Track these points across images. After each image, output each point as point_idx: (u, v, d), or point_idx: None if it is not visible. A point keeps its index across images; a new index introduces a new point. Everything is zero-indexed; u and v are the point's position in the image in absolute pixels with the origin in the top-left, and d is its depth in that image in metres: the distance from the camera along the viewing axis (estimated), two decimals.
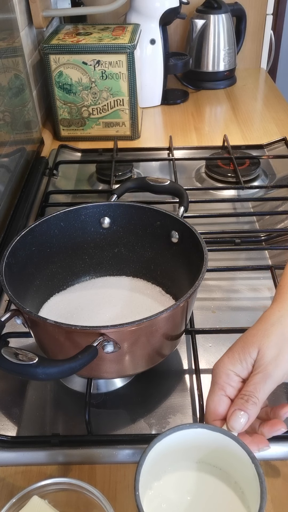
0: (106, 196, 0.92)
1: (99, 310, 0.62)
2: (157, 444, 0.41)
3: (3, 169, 0.85)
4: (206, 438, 0.42)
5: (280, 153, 1.06)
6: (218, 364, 0.47)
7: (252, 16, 1.44)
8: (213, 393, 0.46)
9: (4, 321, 0.51)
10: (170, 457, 0.43)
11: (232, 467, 0.43)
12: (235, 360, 0.46)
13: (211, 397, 0.46)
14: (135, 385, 0.59)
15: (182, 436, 0.42)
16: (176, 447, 0.43)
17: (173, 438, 0.42)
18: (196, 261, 0.56)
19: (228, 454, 0.42)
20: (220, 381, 0.46)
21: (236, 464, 0.42)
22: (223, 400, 0.45)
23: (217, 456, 0.43)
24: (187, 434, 0.42)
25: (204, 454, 0.44)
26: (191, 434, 0.42)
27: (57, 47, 1.04)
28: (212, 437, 0.42)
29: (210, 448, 0.43)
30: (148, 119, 1.26)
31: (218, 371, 0.46)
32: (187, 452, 0.44)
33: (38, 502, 0.43)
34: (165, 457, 0.43)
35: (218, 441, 0.42)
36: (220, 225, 0.84)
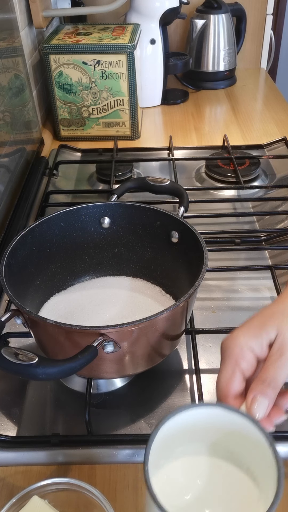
0: (106, 196, 0.92)
1: (99, 310, 0.62)
2: (170, 420, 0.38)
3: (3, 169, 0.85)
4: (221, 420, 0.40)
5: (280, 153, 1.06)
6: (230, 339, 0.43)
7: (252, 16, 1.44)
8: (226, 368, 0.42)
9: (4, 321, 0.51)
10: (181, 437, 0.41)
11: (245, 452, 0.40)
12: (250, 336, 0.42)
13: (223, 372, 0.42)
14: (135, 385, 0.59)
15: (196, 415, 0.40)
16: (189, 426, 0.40)
17: (186, 416, 0.39)
18: (196, 261, 0.56)
19: (242, 437, 0.39)
20: (234, 355, 0.42)
21: (251, 448, 0.39)
22: (237, 376, 0.42)
23: (230, 440, 0.41)
24: (201, 413, 0.40)
25: (216, 436, 0.41)
26: (206, 413, 0.40)
27: (57, 47, 1.04)
28: (228, 418, 0.39)
29: (223, 430, 0.40)
30: (148, 119, 1.26)
31: (231, 345, 0.43)
32: (199, 433, 0.41)
33: (38, 502, 0.43)
34: (176, 437, 0.40)
35: (234, 423, 0.39)
36: (220, 225, 0.84)
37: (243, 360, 0.42)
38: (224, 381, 0.42)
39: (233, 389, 0.42)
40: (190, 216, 0.81)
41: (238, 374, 0.42)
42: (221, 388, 0.42)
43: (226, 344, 0.43)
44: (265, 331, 0.42)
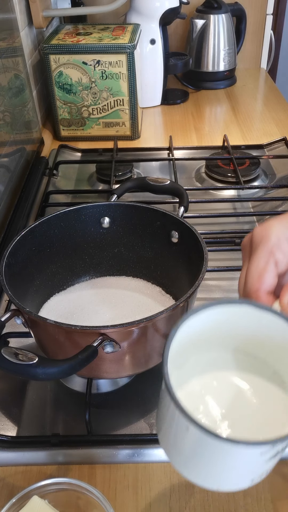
0: (106, 196, 0.92)
1: (99, 310, 0.62)
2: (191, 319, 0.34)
3: (3, 169, 0.85)
4: (247, 320, 0.35)
5: (280, 153, 1.06)
6: (264, 228, 0.38)
7: (252, 16, 1.44)
8: (258, 258, 0.37)
9: (4, 321, 0.51)
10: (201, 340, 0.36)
11: (273, 356, 0.36)
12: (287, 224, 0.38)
13: (255, 263, 0.37)
14: (135, 385, 0.59)
15: (219, 315, 0.35)
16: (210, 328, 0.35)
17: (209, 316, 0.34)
18: (196, 261, 0.56)
19: (270, 339, 0.35)
20: (269, 244, 0.37)
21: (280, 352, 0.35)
22: (271, 268, 0.36)
23: (256, 343, 0.36)
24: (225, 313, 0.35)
25: (240, 340, 0.37)
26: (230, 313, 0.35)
27: (57, 47, 1.04)
28: (256, 318, 0.34)
29: (249, 332, 0.36)
30: (148, 119, 1.26)
31: (264, 233, 0.37)
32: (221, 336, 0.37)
33: (38, 502, 0.43)
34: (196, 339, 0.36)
35: (262, 324, 0.34)
36: (220, 225, 0.84)
37: (279, 250, 0.37)
38: (256, 273, 0.36)
39: (266, 282, 0.36)
40: (190, 216, 0.81)
41: (272, 266, 0.37)
42: (251, 281, 0.37)
43: (258, 233, 0.38)
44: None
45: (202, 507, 0.48)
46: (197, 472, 0.34)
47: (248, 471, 0.33)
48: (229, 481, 0.34)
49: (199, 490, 0.49)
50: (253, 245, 0.38)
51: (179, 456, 0.34)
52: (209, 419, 0.34)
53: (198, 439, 0.30)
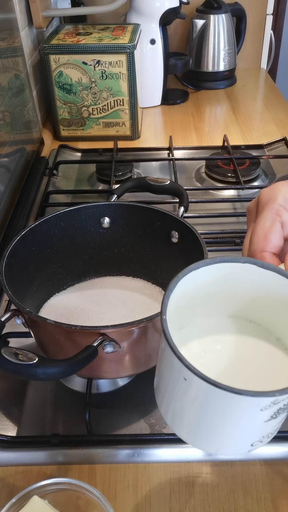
0: (106, 196, 0.92)
1: (99, 310, 0.62)
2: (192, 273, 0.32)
3: (3, 169, 0.85)
4: (250, 280, 0.33)
5: (280, 153, 1.06)
6: (268, 190, 0.38)
7: (252, 16, 1.44)
8: (265, 218, 0.36)
9: (4, 321, 0.51)
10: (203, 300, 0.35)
11: (276, 319, 0.35)
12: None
13: (261, 223, 0.36)
14: (135, 385, 0.59)
15: (220, 272, 0.33)
16: (214, 286, 0.34)
17: (209, 272, 0.33)
18: (196, 261, 0.56)
19: (274, 301, 0.33)
20: (275, 204, 0.36)
21: (283, 313, 0.34)
22: (278, 227, 0.36)
23: (258, 306, 0.35)
24: (227, 271, 0.33)
25: (243, 303, 0.35)
26: (233, 271, 0.33)
27: (57, 47, 1.04)
28: (259, 279, 0.33)
29: (253, 294, 0.34)
30: (148, 119, 1.26)
31: (271, 194, 0.37)
32: (224, 297, 0.35)
33: (38, 502, 0.43)
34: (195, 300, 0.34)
35: (266, 285, 0.33)
36: (220, 225, 0.84)
37: (286, 211, 0.36)
38: (262, 233, 0.36)
39: (272, 242, 0.36)
40: (190, 216, 0.81)
41: (278, 226, 0.36)
42: (256, 241, 0.36)
43: (265, 194, 0.38)
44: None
45: (202, 507, 0.48)
46: (195, 431, 0.33)
47: (247, 431, 0.31)
48: (228, 443, 0.33)
49: (199, 490, 0.49)
50: (259, 207, 0.37)
51: (178, 414, 0.33)
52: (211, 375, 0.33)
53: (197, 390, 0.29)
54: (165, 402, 0.34)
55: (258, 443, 0.33)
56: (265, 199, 0.37)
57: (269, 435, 0.33)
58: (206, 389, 0.28)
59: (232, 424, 0.31)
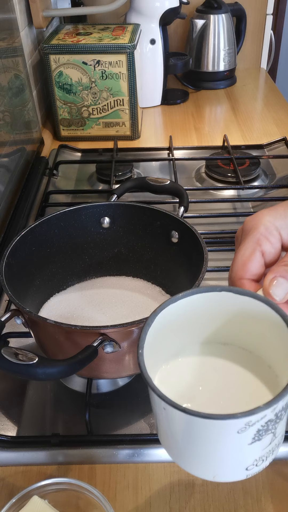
0: (106, 196, 0.92)
1: (99, 310, 0.62)
2: (171, 306, 0.33)
3: (3, 169, 0.85)
4: (232, 307, 0.34)
5: (280, 153, 1.06)
6: (251, 218, 0.38)
7: (252, 16, 1.44)
8: (246, 246, 0.37)
9: (4, 321, 0.51)
10: (182, 328, 0.35)
11: (264, 347, 0.35)
12: (277, 215, 0.37)
13: (242, 250, 0.37)
14: (135, 385, 0.59)
15: (201, 302, 0.34)
16: (194, 316, 0.35)
17: (190, 302, 0.34)
18: (196, 261, 0.56)
19: (258, 328, 0.34)
20: (256, 234, 0.37)
21: (269, 341, 0.34)
22: (257, 256, 0.36)
23: (245, 334, 0.35)
24: (207, 299, 0.34)
25: (227, 330, 0.36)
26: (213, 300, 0.34)
27: (57, 47, 1.04)
28: (241, 304, 0.33)
29: (236, 321, 0.35)
30: (148, 119, 1.26)
31: (253, 223, 0.37)
32: (207, 325, 0.36)
33: (38, 502, 0.43)
34: (176, 327, 0.35)
35: (248, 311, 0.34)
36: (220, 225, 0.84)
37: (267, 240, 0.37)
38: (241, 261, 0.36)
39: (251, 270, 0.36)
40: (190, 216, 0.81)
41: (258, 255, 0.36)
42: (236, 269, 0.36)
43: (248, 222, 0.38)
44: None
45: (202, 507, 0.48)
46: (190, 459, 0.34)
47: (235, 455, 0.32)
48: (222, 469, 0.33)
49: (199, 490, 0.49)
50: (243, 234, 0.38)
51: (170, 444, 0.34)
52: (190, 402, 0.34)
53: (175, 418, 0.30)
54: (160, 432, 0.35)
55: (253, 467, 0.33)
56: (248, 227, 0.38)
57: (263, 459, 0.33)
58: (181, 417, 0.29)
59: (217, 450, 0.31)
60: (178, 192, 0.70)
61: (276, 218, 0.37)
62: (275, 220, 0.37)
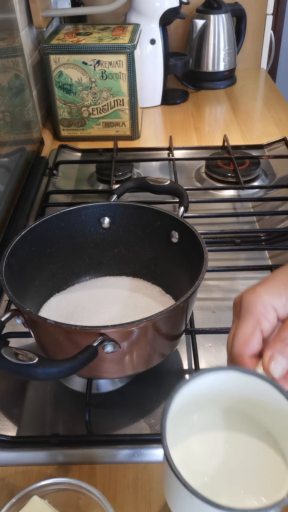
0: (106, 196, 0.92)
1: (99, 310, 0.62)
2: (183, 388, 0.36)
3: (3, 169, 0.85)
4: (236, 383, 0.38)
5: (280, 153, 1.06)
6: (251, 295, 0.41)
7: (252, 16, 1.44)
8: (246, 325, 0.39)
9: (4, 321, 0.51)
10: (195, 405, 0.39)
11: (264, 415, 0.39)
12: (274, 294, 0.40)
13: (243, 329, 0.40)
14: (135, 385, 0.59)
15: (210, 380, 0.38)
16: (203, 392, 0.38)
17: (201, 382, 0.37)
18: (196, 261, 0.56)
19: (261, 400, 0.38)
20: (256, 313, 0.40)
21: (270, 410, 0.38)
22: (257, 334, 0.39)
23: (246, 404, 0.39)
24: (216, 378, 0.38)
25: (233, 401, 0.40)
26: (221, 378, 0.38)
27: (57, 47, 1.04)
28: (244, 381, 0.37)
29: (240, 394, 0.39)
30: (148, 119, 1.26)
31: (252, 302, 0.40)
32: (214, 398, 0.39)
33: (38, 502, 0.43)
34: (190, 405, 0.39)
35: (251, 386, 0.37)
36: (220, 225, 0.84)
37: (266, 319, 0.40)
38: (243, 340, 0.39)
39: (251, 348, 0.39)
40: (190, 216, 0.81)
41: (258, 334, 0.39)
42: (237, 347, 0.40)
43: (247, 299, 0.41)
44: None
45: None
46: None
47: None
48: None
49: None
50: (242, 310, 0.41)
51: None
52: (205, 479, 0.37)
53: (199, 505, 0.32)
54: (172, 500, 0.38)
55: None
56: (247, 304, 0.40)
57: None
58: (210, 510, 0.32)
59: None
60: (178, 192, 0.70)
61: (274, 298, 0.40)
62: (272, 300, 0.40)
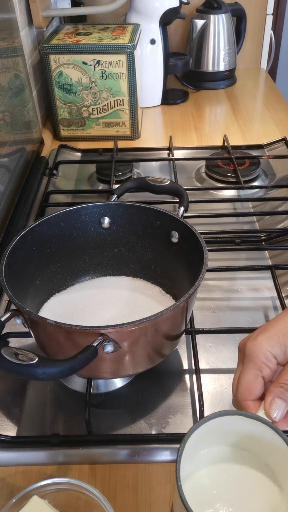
0: (106, 196, 0.92)
1: (99, 310, 0.62)
2: (195, 432, 0.41)
3: (3, 169, 0.85)
4: (240, 425, 0.42)
5: (280, 153, 1.06)
6: (254, 344, 0.45)
7: (252, 16, 1.44)
8: (249, 372, 0.44)
9: (4, 321, 0.51)
10: (204, 442, 0.43)
11: (264, 451, 0.43)
12: (274, 343, 0.44)
13: (246, 375, 0.44)
14: (135, 385, 0.59)
15: (217, 423, 0.42)
16: (211, 432, 0.43)
17: (208, 425, 0.42)
18: (196, 261, 0.56)
19: (261, 439, 0.42)
20: (257, 361, 0.44)
21: (269, 448, 0.42)
22: (259, 380, 0.44)
23: (249, 440, 0.43)
24: (222, 421, 0.42)
25: (237, 438, 0.44)
26: (227, 421, 0.42)
27: (57, 47, 1.04)
28: (247, 424, 0.42)
29: (244, 433, 0.43)
30: (148, 119, 1.26)
31: (254, 351, 0.45)
32: (221, 436, 0.44)
33: (38, 502, 0.43)
34: (200, 442, 0.43)
35: (253, 428, 0.42)
36: (220, 225, 0.84)
37: (267, 367, 0.44)
38: (247, 386, 0.44)
39: (254, 394, 0.44)
40: (190, 216, 0.81)
41: (260, 380, 0.44)
42: (241, 392, 0.44)
43: (249, 348, 0.45)
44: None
45: None
46: None
47: None
48: None
49: None
50: (245, 357, 0.45)
51: None
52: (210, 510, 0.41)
53: None
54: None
55: None
56: (250, 352, 0.45)
57: None
58: None
59: None
60: (178, 192, 0.70)
61: (274, 347, 0.44)
62: (272, 349, 0.44)
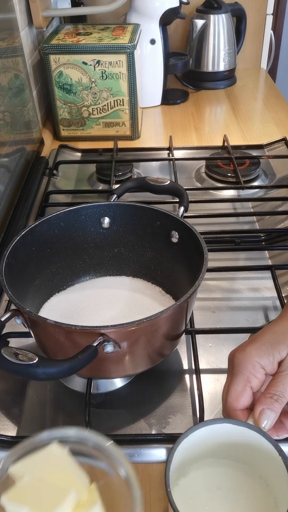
0: (106, 196, 0.92)
1: (99, 310, 0.62)
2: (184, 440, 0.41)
3: (3, 169, 0.85)
4: (231, 433, 0.43)
5: (280, 153, 1.06)
6: (242, 355, 0.46)
7: (252, 16, 1.44)
8: (237, 383, 0.45)
9: (4, 321, 0.51)
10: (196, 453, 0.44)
11: (257, 461, 0.43)
12: (262, 353, 0.45)
13: (235, 386, 0.45)
14: (135, 385, 0.59)
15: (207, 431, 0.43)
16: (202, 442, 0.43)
17: (199, 433, 0.42)
18: (196, 261, 0.56)
19: (253, 448, 0.42)
20: (246, 372, 0.45)
21: (262, 457, 0.42)
22: (247, 390, 0.45)
23: (242, 451, 0.44)
24: (212, 429, 0.43)
25: (228, 449, 0.44)
26: (217, 429, 0.43)
27: (57, 47, 1.04)
28: (238, 432, 0.43)
29: (235, 443, 0.43)
30: (148, 119, 1.26)
31: (243, 361, 0.46)
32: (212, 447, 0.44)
33: (57, 451, 0.34)
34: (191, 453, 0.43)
35: (244, 436, 0.42)
36: (220, 225, 0.84)
37: (255, 377, 0.45)
38: (235, 396, 0.45)
39: (242, 403, 0.45)
40: (190, 216, 0.81)
41: (248, 390, 0.45)
42: (230, 402, 0.45)
43: (238, 359, 0.46)
44: (277, 350, 0.45)
45: None
46: None
47: None
48: None
49: None
50: (234, 367, 0.46)
51: None
52: None
53: None
54: None
55: None
56: (238, 363, 0.46)
57: None
58: None
59: None
60: (178, 192, 0.70)
61: (262, 358, 0.45)
62: (261, 360, 0.45)
